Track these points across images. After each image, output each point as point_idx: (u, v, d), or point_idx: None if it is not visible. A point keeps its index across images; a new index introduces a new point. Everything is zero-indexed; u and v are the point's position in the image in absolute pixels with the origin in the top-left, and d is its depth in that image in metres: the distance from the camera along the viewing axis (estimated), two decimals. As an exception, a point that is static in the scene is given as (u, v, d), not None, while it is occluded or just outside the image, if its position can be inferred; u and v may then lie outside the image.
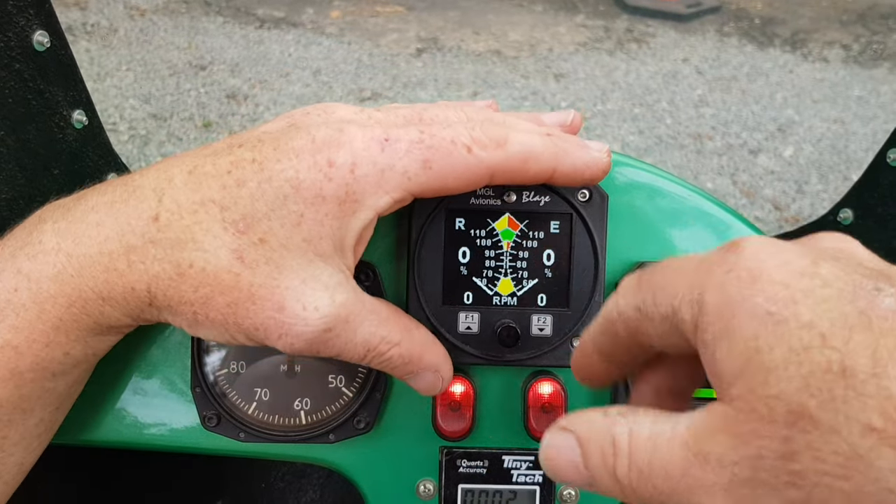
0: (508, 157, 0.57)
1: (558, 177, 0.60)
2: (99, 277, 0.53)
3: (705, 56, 5.52)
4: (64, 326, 0.55)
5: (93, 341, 0.57)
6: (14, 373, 0.55)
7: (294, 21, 5.71)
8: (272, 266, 0.52)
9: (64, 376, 0.58)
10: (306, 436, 0.69)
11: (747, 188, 4.03)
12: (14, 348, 0.54)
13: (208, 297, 0.52)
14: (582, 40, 5.70)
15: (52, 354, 0.55)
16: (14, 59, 0.76)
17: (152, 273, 0.52)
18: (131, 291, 0.53)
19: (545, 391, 0.69)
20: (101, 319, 0.55)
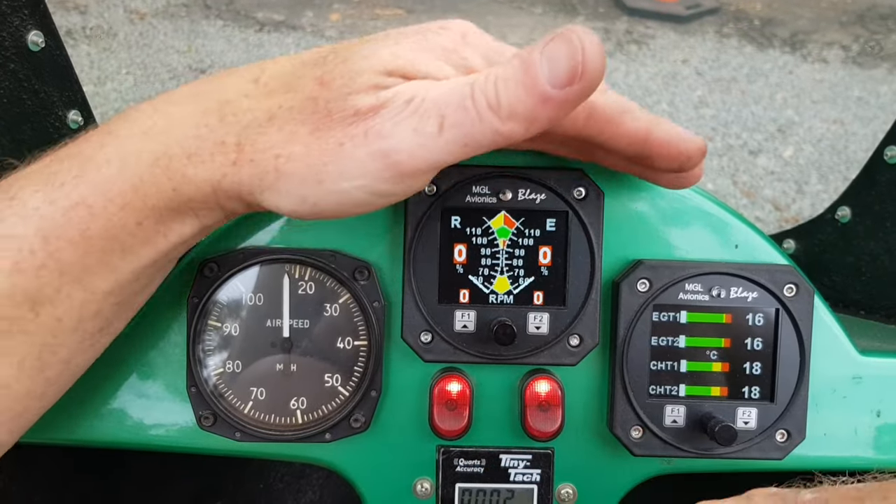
0: (608, 103, 0.56)
1: (654, 142, 0.58)
2: (189, 133, 0.53)
3: (705, 57, 5.51)
4: (143, 187, 0.53)
5: (166, 219, 0.55)
6: (84, 236, 0.53)
7: (293, 24, 5.71)
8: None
9: (132, 257, 0.55)
10: (302, 435, 0.69)
11: (747, 188, 4.02)
12: (89, 207, 0.53)
13: (293, 132, 0.52)
14: (581, 42, 5.70)
15: (125, 221, 0.54)
16: (9, 59, 0.76)
17: (244, 123, 0.53)
18: (220, 146, 0.53)
19: (542, 389, 0.69)
20: (181, 186, 0.53)
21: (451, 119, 0.49)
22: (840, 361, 0.72)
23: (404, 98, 0.50)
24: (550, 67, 0.47)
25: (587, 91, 0.48)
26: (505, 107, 0.48)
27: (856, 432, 0.73)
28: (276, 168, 0.52)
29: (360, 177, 0.51)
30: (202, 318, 0.68)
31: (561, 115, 0.49)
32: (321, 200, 0.53)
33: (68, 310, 0.55)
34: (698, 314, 0.69)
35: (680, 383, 0.70)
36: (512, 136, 0.49)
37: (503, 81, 0.48)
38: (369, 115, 0.50)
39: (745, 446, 0.69)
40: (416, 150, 0.50)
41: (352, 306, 0.69)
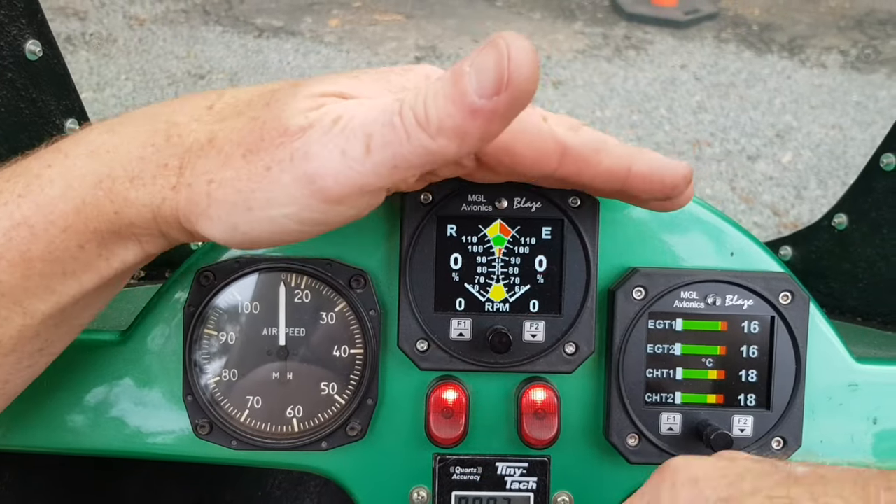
0: (583, 142, 0.55)
1: (635, 177, 0.56)
2: (134, 154, 0.52)
3: (703, 62, 5.52)
4: (85, 210, 0.52)
5: (109, 243, 0.54)
6: (24, 258, 0.52)
7: (293, 30, 5.72)
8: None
9: (73, 282, 0.54)
10: (299, 443, 0.69)
11: (746, 194, 4.03)
12: (30, 228, 0.52)
13: (228, 155, 0.50)
14: (580, 47, 5.71)
15: (67, 243, 0.52)
16: (6, 69, 0.76)
17: (187, 145, 0.52)
18: (163, 168, 0.52)
19: (538, 397, 0.69)
20: (122, 210, 0.52)
21: (379, 139, 0.47)
22: (836, 369, 0.73)
23: (331, 117, 0.48)
24: (478, 78, 0.44)
25: (517, 101, 0.44)
26: (434, 122, 0.45)
27: (852, 440, 0.73)
28: (209, 193, 0.50)
29: (287, 204, 0.49)
30: (198, 326, 0.69)
31: (493, 128, 0.46)
32: (252, 229, 0.51)
33: (6, 332, 0.54)
34: (694, 322, 0.70)
35: (676, 391, 0.70)
36: (444, 154, 0.46)
37: (432, 96, 0.45)
38: (297, 136, 0.48)
39: None
40: (342, 173, 0.47)
41: (348, 315, 0.69)
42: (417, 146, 0.46)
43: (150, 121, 0.54)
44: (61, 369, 0.71)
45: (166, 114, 0.54)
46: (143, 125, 0.53)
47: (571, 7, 6.35)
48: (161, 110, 0.54)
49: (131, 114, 0.55)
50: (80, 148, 0.53)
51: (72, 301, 0.55)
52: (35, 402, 0.71)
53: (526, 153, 0.54)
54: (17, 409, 0.71)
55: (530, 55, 0.44)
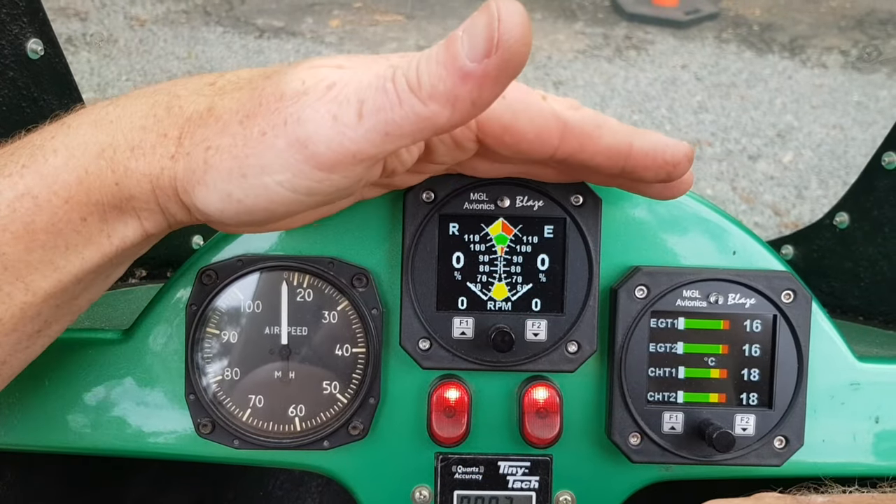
0: (583, 118, 0.55)
1: (636, 153, 0.56)
2: (136, 124, 0.53)
3: (704, 62, 5.52)
4: (88, 180, 0.52)
5: (109, 218, 0.54)
6: (28, 229, 0.52)
7: (293, 30, 5.72)
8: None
9: (74, 257, 0.54)
10: (301, 442, 0.69)
11: (747, 194, 4.03)
12: (34, 198, 0.52)
13: (226, 122, 0.50)
14: (581, 47, 5.71)
15: (70, 215, 0.52)
16: (8, 67, 0.76)
17: (187, 115, 0.52)
18: (162, 138, 0.52)
19: (540, 396, 0.69)
20: (122, 180, 0.52)
21: (371, 104, 0.46)
22: (838, 368, 0.72)
23: (326, 83, 0.48)
24: (469, 41, 0.43)
25: (509, 64, 0.44)
26: (426, 86, 0.45)
27: (854, 439, 0.73)
28: (206, 160, 0.50)
29: (280, 171, 0.49)
30: (201, 325, 0.69)
31: (484, 94, 0.45)
32: (246, 196, 0.50)
33: (8, 309, 0.54)
34: (696, 321, 0.69)
35: (678, 390, 0.70)
36: (435, 121, 0.46)
37: (425, 61, 0.45)
38: (292, 100, 0.48)
39: (744, 453, 0.69)
40: (333, 139, 0.47)
41: (350, 313, 0.69)
42: (409, 111, 0.46)
43: (153, 94, 0.54)
44: (63, 368, 0.71)
45: (169, 88, 0.54)
46: (146, 98, 0.54)
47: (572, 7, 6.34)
48: (164, 86, 0.55)
49: (136, 90, 0.56)
50: (83, 119, 0.54)
51: (73, 279, 0.55)
52: (37, 401, 0.71)
53: (527, 130, 0.54)
54: (18, 408, 0.71)
55: (521, 17, 0.43)
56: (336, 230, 0.70)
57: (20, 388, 0.71)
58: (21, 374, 0.69)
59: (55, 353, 0.70)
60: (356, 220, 0.70)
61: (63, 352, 0.71)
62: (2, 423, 0.71)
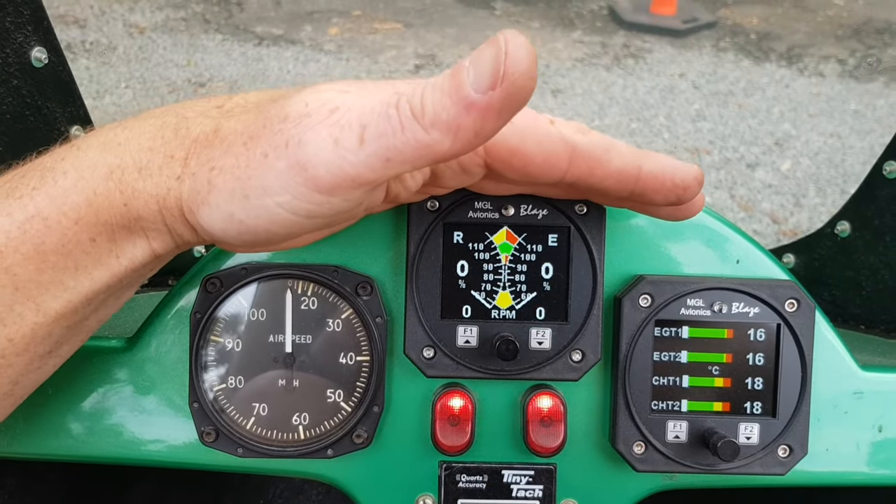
0: (592, 143, 0.55)
1: (645, 177, 0.56)
2: (144, 145, 0.53)
3: (702, 71, 5.54)
4: (97, 201, 0.53)
5: (118, 238, 0.54)
6: (38, 251, 0.53)
7: (292, 38, 5.73)
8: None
9: (84, 278, 0.55)
10: (304, 451, 0.69)
11: (745, 202, 4.03)
12: (44, 220, 0.52)
13: (231, 144, 0.51)
14: (579, 56, 5.73)
15: (79, 236, 0.53)
16: (12, 76, 0.76)
17: (193, 136, 0.52)
18: (169, 159, 0.52)
19: (544, 405, 0.69)
20: (131, 201, 0.53)
21: (373, 129, 0.46)
22: (841, 377, 0.73)
23: (329, 107, 0.48)
24: (475, 72, 0.44)
25: (513, 97, 0.44)
26: (429, 114, 0.45)
27: (857, 447, 0.73)
28: (210, 181, 0.51)
29: (280, 192, 0.49)
30: (204, 333, 0.69)
31: (487, 125, 0.45)
32: (247, 217, 0.51)
33: (19, 329, 0.54)
34: (700, 329, 0.70)
35: (682, 398, 0.70)
36: (437, 149, 0.46)
37: (430, 89, 0.45)
38: (295, 123, 0.48)
39: (748, 462, 0.69)
40: (333, 162, 0.47)
41: (354, 322, 0.69)
42: (410, 138, 0.46)
43: (162, 115, 0.55)
44: (67, 376, 0.71)
45: (177, 110, 0.55)
46: (155, 119, 0.54)
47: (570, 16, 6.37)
48: (172, 108, 0.56)
49: (144, 112, 0.56)
50: (92, 141, 0.54)
51: (83, 300, 0.56)
52: (40, 408, 0.71)
53: (535, 155, 0.54)
54: (21, 416, 0.71)
55: (528, 52, 0.43)
56: (340, 238, 0.70)
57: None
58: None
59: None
60: (360, 228, 0.70)
61: (68, 360, 0.70)
62: (5, 431, 0.71)
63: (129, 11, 5.86)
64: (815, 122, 4.88)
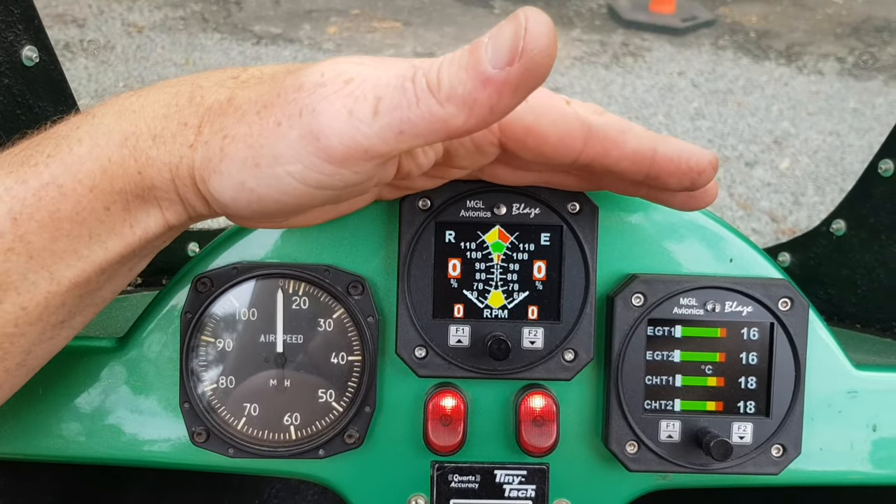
0: (607, 122, 0.55)
1: (661, 158, 0.55)
2: (158, 112, 0.53)
3: (701, 69, 5.54)
4: (111, 168, 0.53)
5: (132, 207, 0.54)
6: (53, 218, 0.52)
7: (291, 37, 5.73)
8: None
9: (98, 247, 0.54)
10: (296, 451, 0.68)
11: (744, 200, 4.03)
12: (59, 187, 0.52)
13: (245, 112, 0.51)
14: (578, 54, 5.72)
15: (94, 204, 0.53)
16: (2, 75, 0.76)
17: (207, 104, 0.53)
18: (183, 127, 0.52)
19: (537, 404, 0.69)
20: (145, 169, 0.53)
21: (388, 101, 0.46)
22: (835, 376, 0.72)
23: (344, 78, 0.48)
24: (493, 47, 0.44)
25: (531, 74, 0.44)
26: (445, 88, 0.45)
27: (851, 447, 0.73)
28: (222, 149, 0.51)
29: (292, 161, 0.49)
30: (195, 333, 0.68)
31: (503, 101, 0.45)
32: (258, 185, 0.51)
33: (33, 298, 0.54)
34: (693, 328, 0.69)
35: (675, 398, 0.70)
36: (451, 123, 0.46)
37: (447, 63, 0.46)
38: (309, 92, 0.48)
39: (741, 461, 0.69)
40: (346, 133, 0.47)
41: (346, 321, 0.69)
42: (425, 111, 0.46)
43: (177, 85, 0.55)
44: (57, 376, 0.71)
45: (192, 80, 0.55)
46: (170, 88, 0.55)
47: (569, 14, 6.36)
48: (188, 77, 0.56)
49: (160, 82, 0.56)
50: (108, 109, 0.54)
51: (97, 269, 0.55)
52: (31, 409, 0.71)
53: (551, 133, 0.54)
54: (12, 416, 0.71)
55: (548, 29, 0.43)
56: (332, 238, 0.70)
57: (14, 396, 0.70)
58: (15, 383, 0.69)
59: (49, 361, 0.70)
60: (352, 227, 0.69)
61: (57, 359, 0.70)
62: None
63: (127, 10, 5.86)
64: (814, 121, 4.88)
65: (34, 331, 0.56)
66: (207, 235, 1.02)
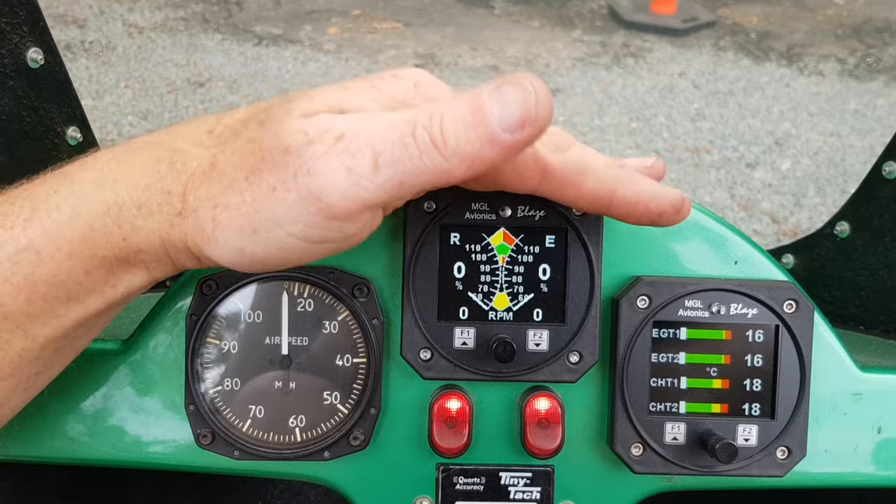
0: (565, 163, 0.56)
1: (618, 202, 0.57)
2: (140, 182, 0.52)
3: (702, 70, 5.54)
4: (93, 237, 0.52)
5: (116, 269, 0.54)
6: (29, 281, 0.52)
7: (292, 38, 5.73)
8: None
9: (76, 306, 0.54)
10: (301, 453, 0.68)
11: (745, 201, 4.03)
12: (36, 253, 0.51)
13: (232, 179, 0.50)
14: (579, 55, 5.73)
15: (73, 269, 0.52)
16: (7, 77, 0.76)
17: (190, 171, 0.52)
18: (167, 196, 0.52)
19: (542, 407, 0.69)
20: (130, 236, 0.52)
21: (388, 156, 0.47)
22: (840, 378, 0.72)
23: (334, 135, 0.48)
24: (501, 111, 0.46)
25: (535, 137, 0.47)
26: (451, 146, 0.47)
27: (856, 449, 0.73)
28: (214, 218, 0.50)
29: (292, 223, 0.49)
30: (201, 335, 0.68)
31: (507, 157, 0.48)
32: (258, 251, 0.51)
33: (6, 355, 0.54)
34: (698, 331, 0.69)
35: (680, 400, 0.70)
36: (452, 174, 0.48)
37: (450, 121, 0.47)
38: (298, 153, 0.48)
39: (746, 463, 0.69)
40: (349, 189, 0.48)
41: (351, 323, 0.69)
42: (430, 165, 0.47)
43: (154, 148, 0.54)
44: (63, 379, 0.70)
45: (168, 141, 0.54)
46: (147, 153, 0.54)
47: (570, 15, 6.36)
48: (163, 138, 0.55)
49: (134, 141, 0.55)
50: (86, 174, 0.53)
51: (74, 325, 0.55)
52: (36, 411, 0.71)
53: (508, 171, 0.56)
54: (17, 418, 0.71)
55: (550, 96, 0.47)
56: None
57: (19, 398, 0.70)
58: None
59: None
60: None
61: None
62: (1, 433, 0.71)
63: (128, 11, 5.86)
64: (814, 122, 4.88)
65: (7, 385, 0.56)
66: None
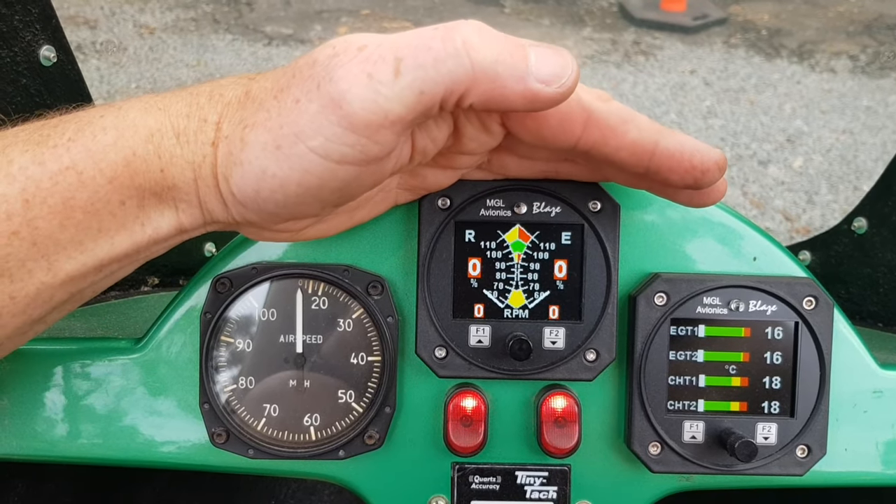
0: (610, 110, 0.54)
1: (661, 154, 0.54)
2: (181, 111, 0.53)
3: (713, 67, 5.51)
4: (135, 162, 0.52)
5: (147, 205, 0.53)
6: (67, 206, 0.51)
7: (302, 38, 5.73)
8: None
9: (105, 241, 0.53)
10: (316, 452, 0.68)
11: (757, 199, 4.01)
12: (78, 174, 0.51)
13: (262, 101, 0.51)
14: (589, 53, 5.71)
15: (110, 196, 0.52)
16: (20, 74, 0.75)
17: (226, 100, 0.53)
18: (203, 123, 0.53)
19: (558, 405, 0.68)
20: (168, 167, 0.52)
21: (409, 61, 0.47)
22: (860, 375, 0.71)
23: (357, 45, 0.49)
24: (538, 60, 0.49)
25: (554, 100, 0.49)
26: (482, 55, 0.48)
27: (877, 447, 0.72)
28: (242, 138, 0.51)
29: (313, 135, 0.49)
30: (215, 333, 0.68)
31: (523, 105, 0.49)
32: (280, 170, 0.50)
33: (23, 288, 0.52)
34: (717, 328, 0.68)
35: (699, 398, 0.69)
36: (471, 91, 0.48)
37: (490, 37, 0.49)
38: (323, 65, 0.49)
39: (766, 462, 0.68)
40: (368, 97, 0.47)
41: (365, 321, 0.68)
42: (452, 71, 0.48)
43: (197, 88, 0.56)
44: (76, 377, 0.70)
45: (211, 82, 0.56)
46: (190, 90, 0.55)
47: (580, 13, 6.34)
48: (207, 83, 0.57)
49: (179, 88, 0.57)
50: (133, 103, 0.54)
51: (97, 265, 0.54)
52: (48, 411, 0.70)
53: (550, 115, 0.53)
54: (30, 419, 0.71)
55: (579, 77, 0.51)
56: (351, 237, 0.69)
57: (31, 397, 0.70)
58: (31, 384, 0.69)
59: (67, 362, 0.70)
60: (371, 227, 0.69)
61: (75, 360, 0.70)
62: (13, 433, 0.71)
63: (139, 12, 5.88)
64: (826, 119, 4.85)
65: (14, 324, 0.54)
66: (224, 236, 1.02)
